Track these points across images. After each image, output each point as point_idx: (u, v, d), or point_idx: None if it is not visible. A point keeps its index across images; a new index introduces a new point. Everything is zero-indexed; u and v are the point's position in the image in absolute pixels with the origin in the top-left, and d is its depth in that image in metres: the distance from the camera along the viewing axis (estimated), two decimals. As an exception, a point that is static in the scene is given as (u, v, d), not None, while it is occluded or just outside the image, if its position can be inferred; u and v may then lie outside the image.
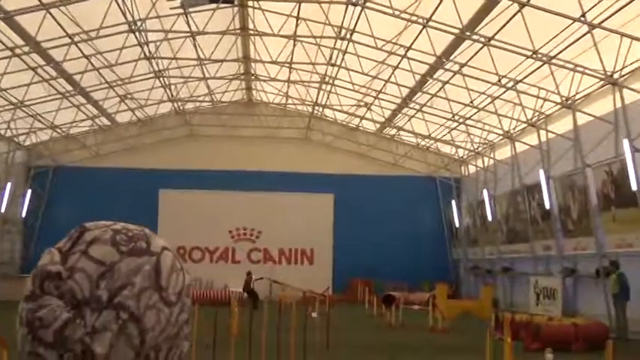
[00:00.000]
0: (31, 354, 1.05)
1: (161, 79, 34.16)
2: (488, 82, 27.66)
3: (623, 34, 20.62)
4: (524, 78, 26.71)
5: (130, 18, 26.30)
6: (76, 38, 26.73)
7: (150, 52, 30.16)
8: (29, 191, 39.88)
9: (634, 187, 21.13)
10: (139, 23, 26.95)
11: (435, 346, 20.26)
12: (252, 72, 36.91)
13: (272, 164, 41.16)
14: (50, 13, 24.40)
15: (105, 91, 33.65)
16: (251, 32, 30.77)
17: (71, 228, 1.14)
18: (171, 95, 37.48)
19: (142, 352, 1.07)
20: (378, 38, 26.90)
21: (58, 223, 30.69)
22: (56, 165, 40.57)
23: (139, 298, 1.06)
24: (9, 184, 36.17)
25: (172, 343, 1.11)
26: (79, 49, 27.89)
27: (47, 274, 1.07)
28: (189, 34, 28.97)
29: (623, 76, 22.72)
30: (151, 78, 33.54)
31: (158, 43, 29.48)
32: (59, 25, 25.39)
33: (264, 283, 38.40)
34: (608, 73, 22.59)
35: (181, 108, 40.48)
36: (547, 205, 27.99)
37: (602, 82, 24.06)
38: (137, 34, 27.70)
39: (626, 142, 21.48)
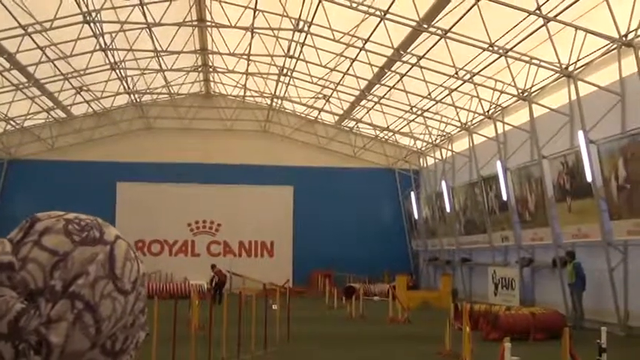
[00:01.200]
0: (-15, 346, 1.02)
1: (117, 70, 33.77)
2: (446, 74, 27.85)
3: (577, 27, 20.90)
4: (481, 70, 26.95)
5: (84, 9, 25.93)
6: (30, 29, 26.26)
7: (105, 43, 29.78)
8: (-17, 185, 39.18)
9: (589, 178, 21.44)
10: (94, 14, 26.59)
11: (396, 336, 20.41)
12: (210, 64, 36.69)
13: (231, 157, 41.02)
14: (2, 3, 23.91)
15: (60, 82, 33.16)
16: (208, 24, 30.55)
17: None
18: (128, 87, 37.10)
19: (97, 342, 1.05)
20: (336, 30, 26.90)
21: (14, 218, 30.03)
22: (11, 158, 39.88)
23: (94, 288, 1.04)
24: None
25: (128, 332, 1.10)
26: (33, 40, 27.43)
27: (-1, 265, 1.05)
28: (145, 26, 28.66)
29: (578, 68, 23.04)
30: (107, 70, 33.12)
31: (114, 35, 29.13)
32: (12, 15, 24.92)
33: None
34: (564, 66, 22.87)
35: (138, 100, 40.08)
36: (504, 197, 28.28)
37: (557, 75, 24.37)
38: (92, 25, 27.32)
39: (581, 134, 21.77)
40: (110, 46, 30.22)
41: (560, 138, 24.34)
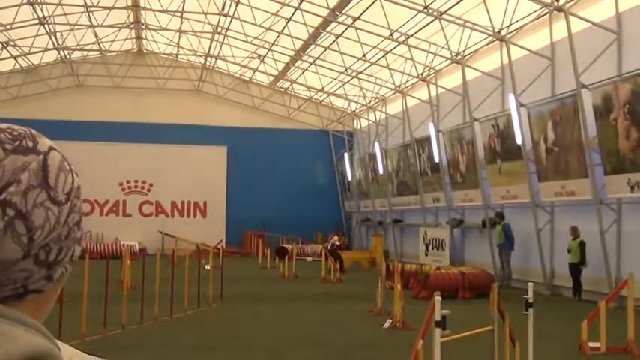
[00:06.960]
0: None
1: (46, 25, 32.75)
2: (381, 36, 27.88)
3: (511, -9, 21.15)
4: (416, 33, 27.06)
5: (11, -40, 25.06)
6: (-47, -20, 25.29)
7: (33, -3, 28.85)
8: None
9: (518, 140, 21.87)
10: (21, -34, 25.72)
11: (328, 294, 20.61)
12: (142, 21, 35.90)
13: (163, 116, 40.48)
14: None
15: (-15, 37, 32.07)
16: (141, -21, 29.87)
17: None
18: (57, 43, 36.04)
19: (30, 251, 1.02)
20: (272, -11, 26.61)
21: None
22: None
23: (27, 196, 1.01)
24: None
25: (63, 243, 1.07)
26: (-44, -8, 26.43)
27: None
28: (75, -20, 27.86)
29: (510, 32, 23.36)
30: (35, 24, 32.09)
31: (42, -12, 28.24)
32: None
33: (157, 237, 38.14)
34: (496, 30, 23.16)
35: (68, 57, 39.05)
36: (436, 159, 28.67)
37: (490, 39, 24.67)
38: (19, -23, 26.46)
39: (512, 97, 22.15)
40: (38, 0, 29.27)
41: (491, 101, 24.73)
